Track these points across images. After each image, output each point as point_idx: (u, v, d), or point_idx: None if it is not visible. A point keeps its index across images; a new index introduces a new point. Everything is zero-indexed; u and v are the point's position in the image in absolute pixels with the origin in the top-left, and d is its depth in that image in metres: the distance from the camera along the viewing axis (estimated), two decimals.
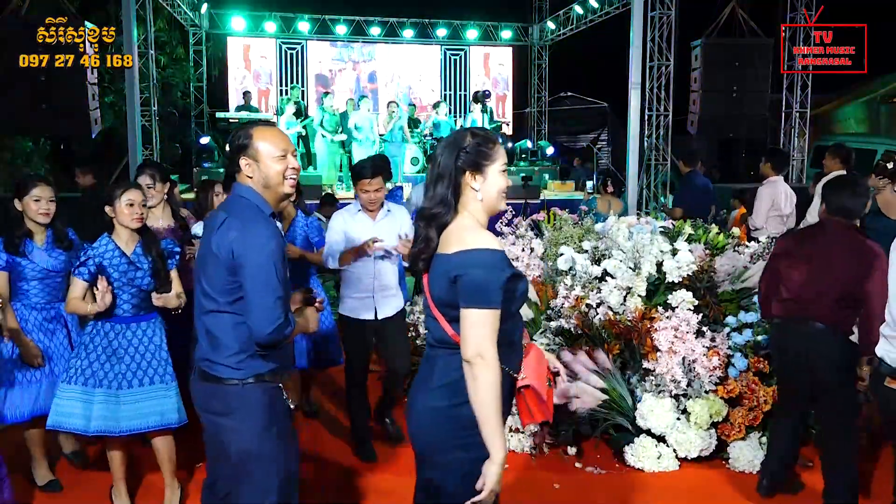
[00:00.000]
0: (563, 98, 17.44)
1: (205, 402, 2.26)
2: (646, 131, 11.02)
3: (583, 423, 3.93)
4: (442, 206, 1.95)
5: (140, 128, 9.60)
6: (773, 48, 10.74)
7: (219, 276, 2.16)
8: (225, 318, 2.17)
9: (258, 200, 2.22)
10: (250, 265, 2.09)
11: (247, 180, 2.24)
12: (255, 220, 2.15)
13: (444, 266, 1.91)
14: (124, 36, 9.18)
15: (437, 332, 1.96)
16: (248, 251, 2.10)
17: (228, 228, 2.15)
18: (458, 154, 1.96)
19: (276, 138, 2.26)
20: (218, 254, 2.15)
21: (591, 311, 4.12)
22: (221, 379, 2.19)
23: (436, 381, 1.94)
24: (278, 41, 14.46)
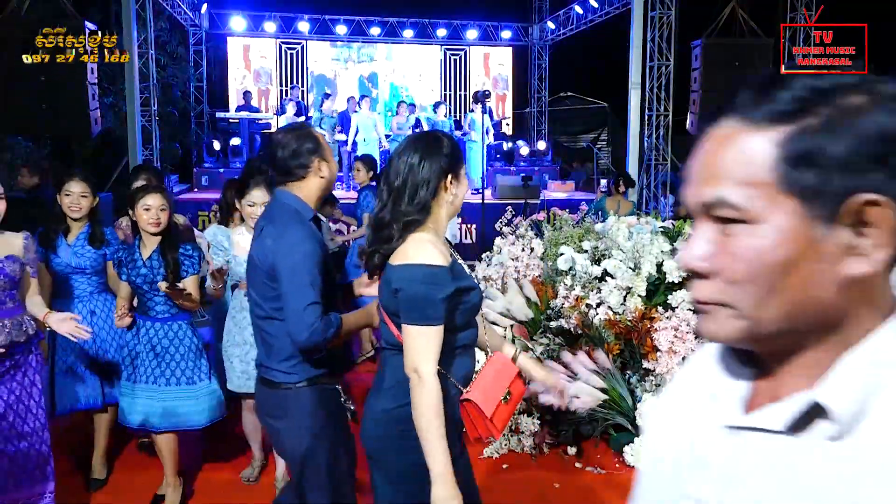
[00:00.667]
0: (563, 98, 17.43)
1: (263, 405, 2.34)
2: (646, 131, 11.02)
3: (583, 423, 3.93)
4: (423, 212, 1.92)
5: (140, 128, 9.60)
6: (773, 48, 10.74)
7: (262, 284, 2.23)
8: (275, 324, 2.22)
9: (299, 205, 2.28)
10: (284, 271, 2.13)
11: (310, 184, 2.30)
12: (291, 226, 2.20)
13: (388, 275, 1.91)
14: (124, 36, 9.19)
15: (386, 334, 1.97)
16: (282, 257, 2.14)
17: (266, 236, 2.22)
18: (441, 158, 1.93)
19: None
20: (259, 262, 2.22)
21: (591, 311, 4.12)
22: (276, 383, 2.25)
23: (386, 383, 1.95)
24: (278, 41, 14.46)
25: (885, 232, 0.65)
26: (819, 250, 0.66)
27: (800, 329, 0.68)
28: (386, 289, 1.92)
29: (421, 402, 1.80)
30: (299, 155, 2.28)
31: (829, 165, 0.64)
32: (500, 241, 5.21)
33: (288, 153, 2.27)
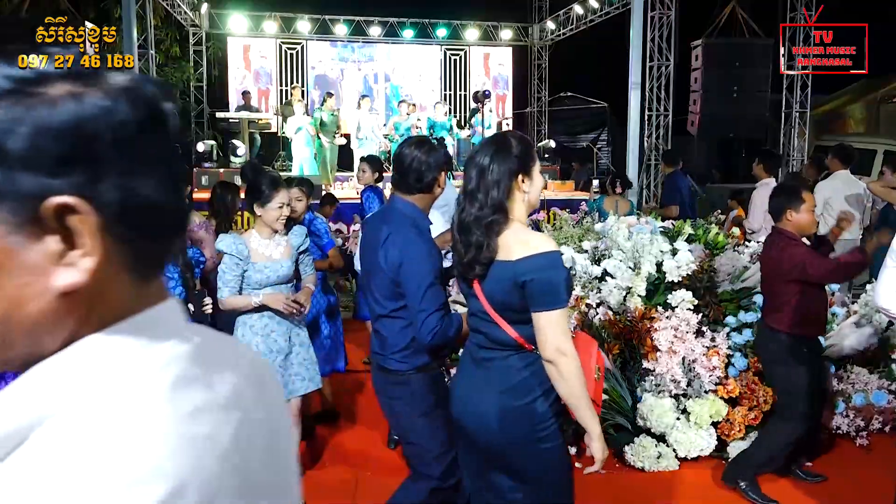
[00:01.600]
0: (563, 98, 17.43)
1: (381, 388, 2.62)
2: (646, 131, 11.03)
3: None
4: (500, 212, 1.99)
5: None
6: (773, 48, 10.75)
7: (386, 286, 2.45)
8: (396, 322, 2.48)
9: (418, 215, 2.50)
10: (412, 281, 2.36)
11: (430, 196, 2.53)
12: (417, 237, 2.42)
13: (507, 272, 1.95)
14: (124, 36, 9.18)
15: (496, 335, 2.02)
16: (410, 268, 2.36)
17: (393, 245, 2.41)
18: (511, 159, 2.01)
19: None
20: (386, 268, 2.42)
21: (591, 311, 4.12)
22: (391, 371, 2.53)
23: (501, 383, 2.02)
24: (278, 41, 14.46)
25: (89, 238, 0.57)
26: (20, 261, 0.57)
27: (15, 349, 0.59)
28: (504, 286, 1.96)
29: (572, 375, 1.92)
30: (432, 168, 2.47)
31: (11, 163, 0.56)
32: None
33: (423, 165, 2.46)
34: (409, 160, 2.47)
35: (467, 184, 2.05)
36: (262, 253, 3.25)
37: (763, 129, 11.50)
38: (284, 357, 3.26)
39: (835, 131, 14.51)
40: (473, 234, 1.99)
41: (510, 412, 1.99)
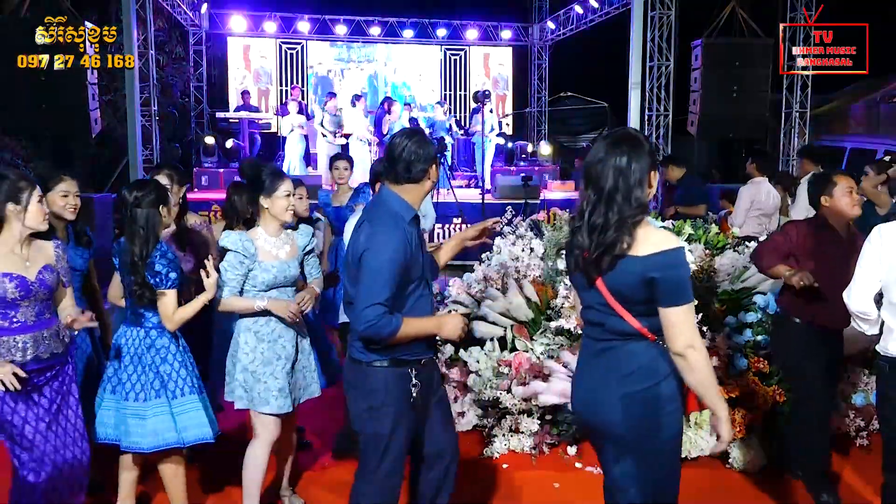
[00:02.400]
0: (563, 98, 17.43)
1: (345, 376, 2.60)
2: (646, 131, 11.02)
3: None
4: (643, 209, 2.02)
5: (140, 128, 9.60)
6: (773, 48, 10.74)
7: (353, 272, 2.45)
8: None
9: (402, 207, 2.46)
10: (365, 268, 2.36)
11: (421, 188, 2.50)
12: (386, 228, 2.38)
13: (635, 267, 1.98)
14: (124, 36, 9.18)
15: (617, 325, 2.06)
16: (369, 255, 2.35)
17: (362, 231, 2.44)
18: (647, 157, 2.03)
19: None
20: (351, 253, 2.46)
21: None
22: (354, 359, 2.51)
23: (622, 369, 2.06)
24: (278, 41, 14.46)
25: None
26: None
27: None
28: (631, 280, 1.99)
29: (701, 366, 1.99)
30: (422, 159, 2.44)
31: None
32: (500, 241, 5.20)
33: (412, 155, 2.43)
34: (399, 150, 2.44)
35: (603, 184, 2.01)
36: (270, 252, 3.07)
37: (763, 129, 11.48)
38: (291, 364, 3.10)
39: (835, 131, 14.52)
40: (608, 234, 1.99)
41: (633, 396, 2.04)
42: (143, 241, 2.85)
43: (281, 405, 3.03)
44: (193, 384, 2.98)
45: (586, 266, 2.07)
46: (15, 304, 2.58)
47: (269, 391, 3.03)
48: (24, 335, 2.60)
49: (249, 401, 3.05)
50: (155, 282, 2.84)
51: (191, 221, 3.82)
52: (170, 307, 2.88)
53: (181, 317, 2.91)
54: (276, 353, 3.06)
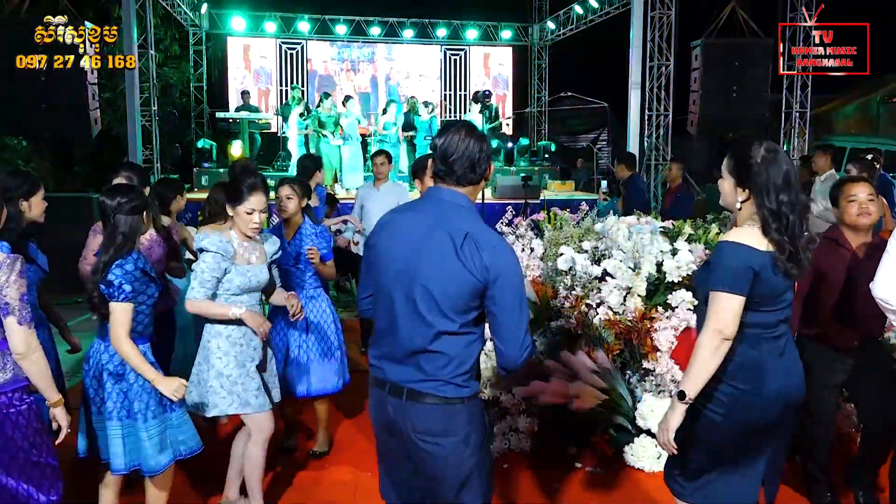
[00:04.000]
0: (563, 98, 17.44)
1: (418, 423, 2.09)
2: (646, 131, 11.03)
3: (583, 423, 3.93)
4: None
5: (140, 128, 9.60)
6: (773, 48, 10.74)
7: (463, 297, 2.03)
8: (461, 339, 2.07)
9: (475, 210, 2.18)
10: (508, 290, 2.03)
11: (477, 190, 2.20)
12: (498, 237, 2.11)
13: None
14: (124, 36, 9.19)
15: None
16: (504, 275, 2.02)
17: (481, 247, 2.02)
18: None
19: None
20: (472, 273, 2.02)
21: (591, 311, 4.12)
22: (450, 398, 2.07)
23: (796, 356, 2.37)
24: (278, 41, 14.47)
25: None
26: None
27: None
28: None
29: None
30: (486, 158, 2.14)
31: None
32: None
33: (477, 153, 2.11)
34: (461, 148, 2.10)
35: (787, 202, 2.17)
36: (243, 255, 3.05)
37: (763, 129, 11.48)
38: (257, 364, 3.09)
39: (835, 131, 14.53)
40: (805, 233, 2.21)
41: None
42: (118, 248, 2.67)
43: (262, 402, 3.08)
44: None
45: (800, 268, 2.22)
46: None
47: (249, 391, 3.04)
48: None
49: (229, 405, 3.02)
50: (108, 292, 2.63)
51: (164, 223, 3.82)
52: (118, 324, 2.63)
53: (128, 350, 2.65)
54: (248, 355, 3.06)
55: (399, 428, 2.10)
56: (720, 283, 2.18)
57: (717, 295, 2.18)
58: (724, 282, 2.17)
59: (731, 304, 2.16)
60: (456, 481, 2.09)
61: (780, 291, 2.22)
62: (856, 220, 3.19)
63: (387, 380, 2.12)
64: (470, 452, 2.09)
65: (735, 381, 2.22)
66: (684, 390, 2.20)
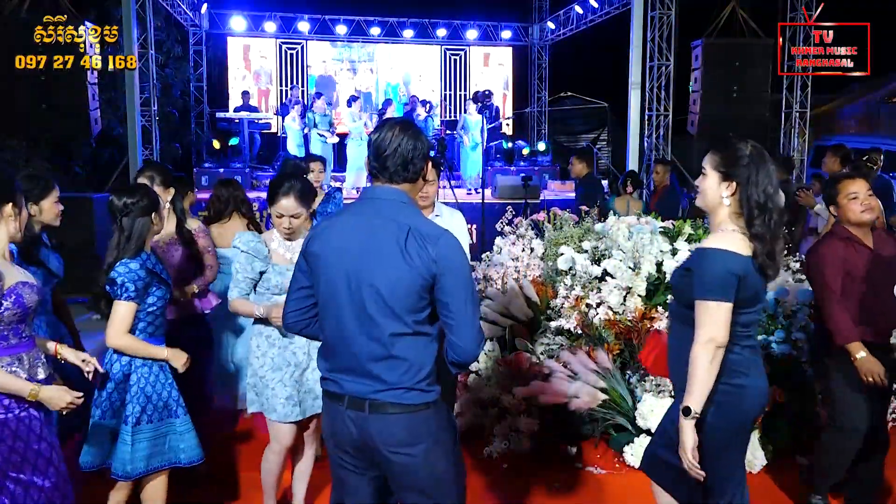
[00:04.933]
0: (563, 98, 17.43)
1: (387, 437, 2.02)
2: (646, 131, 11.03)
3: (583, 423, 3.93)
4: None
5: (140, 128, 9.60)
6: (773, 48, 10.74)
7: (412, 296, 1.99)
8: (418, 340, 2.02)
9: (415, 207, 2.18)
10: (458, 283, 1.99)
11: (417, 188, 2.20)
12: (443, 229, 2.08)
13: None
14: (124, 36, 9.18)
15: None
16: (461, 263, 2.01)
17: (427, 243, 2.00)
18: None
19: None
20: (416, 271, 2.00)
21: (591, 311, 4.12)
22: (416, 405, 2.01)
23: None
24: (278, 41, 14.46)
25: None
26: None
27: None
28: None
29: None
30: (419, 156, 2.08)
31: None
32: (501, 241, 5.20)
33: (409, 151, 2.06)
34: (393, 145, 2.04)
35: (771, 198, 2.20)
36: (283, 255, 2.99)
37: (763, 129, 11.47)
38: (301, 372, 2.97)
39: (835, 131, 14.53)
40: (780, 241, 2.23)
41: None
42: (124, 248, 2.68)
43: (287, 413, 2.94)
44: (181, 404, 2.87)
45: (775, 271, 2.25)
46: (27, 317, 2.34)
47: (277, 398, 2.94)
48: (31, 351, 2.36)
49: (260, 405, 3.01)
50: (111, 290, 2.64)
51: (193, 226, 3.68)
52: (118, 321, 2.64)
53: (128, 343, 2.67)
54: (285, 359, 2.96)
55: (366, 443, 2.03)
56: (709, 293, 2.17)
57: (707, 304, 2.17)
58: (712, 291, 2.16)
59: (720, 312, 2.16)
60: (431, 486, 2.05)
61: (759, 293, 2.25)
62: (860, 216, 3.16)
63: (344, 393, 2.04)
64: (441, 454, 2.05)
65: (723, 378, 2.22)
66: (689, 406, 2.18)
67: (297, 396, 2.97)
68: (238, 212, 4.40)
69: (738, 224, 2.23)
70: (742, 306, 2.20)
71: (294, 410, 2.95)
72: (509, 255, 4.92)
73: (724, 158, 2.25)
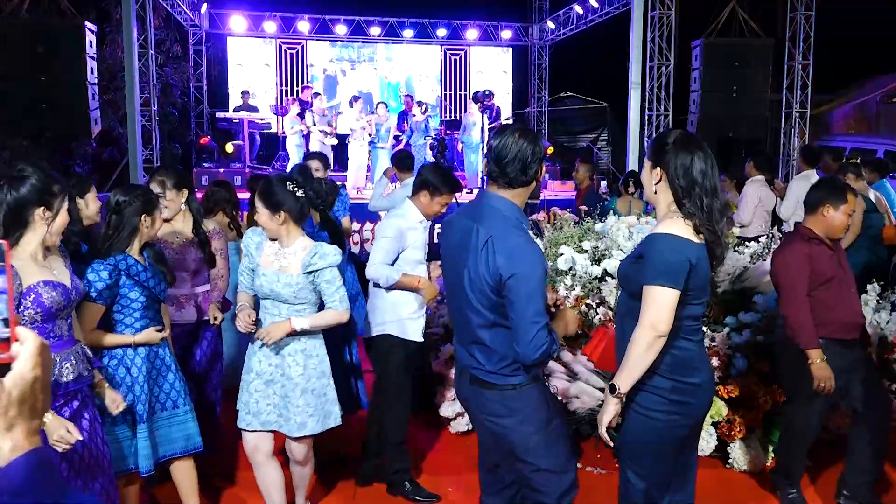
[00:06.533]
0: (563, 98, 17.42)
1: (482, 406, 2.35)
2: (646, 131, 11.03)
3: (583, 423, 3.93)
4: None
5: (140, 128, 9.60)
6: (773, 48, 10.74)
7: (485, 295, 2.22)
8: (499, 332, 2.25)
9: (519, 214, 2.29)
10: (522, 292, 2.15)
11: (525, 193, 2.32)
12: (526, 241, 2.21)
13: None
14: (124, 36, 9.18)
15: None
16: (520, 277, 2.14)
17: (498, 250, 2.18)
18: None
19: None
20: (486, 274, 2.20)
21: (591, 311, 4.12)
22: (497, 385, 2.28)
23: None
24: (278, 41, 14.46)
25: None
26: None
27: None
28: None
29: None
30: (536, 159, 2.25)
31: None
32: None
33: (529, 155, 2.23)
34: (514, 150, 2.21)
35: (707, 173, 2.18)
36: (269, 259, 2.90)
37: (763, 129, 11.47)
38: (263, 383, 2.89)
39: (834, 131, 14.52)
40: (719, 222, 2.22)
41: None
42: (109, 245, 2.67)
43: (242, 418, 2.90)
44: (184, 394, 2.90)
45: (720, 249, 2.24)
46: (54, 315, 2.30)
47: (240, 401, 2.92)
48: (62, 351, 2.32)
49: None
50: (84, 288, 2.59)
51: (209, 227, 3.66)
52: (87, 319, 2.60)
53: (92, 339, 2.62)
54: (250, 365, 2.91)
55: (468, 407, 2.45)
56: (656, 277, 2.13)
57: (653, 289, 2.13)
58: (660, 276, 2.13)
59: (667, 298, 2.12)
60: (522, 451, 2.32)
61: (707, 283, 2.25)
62: (841, 232, 3.23)
63: (460, 362, 2.42)
64: (531, 428, 2.28)
65: (675, 375, 2.20)
66: (615, 384, 2.20)
67: (255, 406, 2.87)
68: (223, 211, 4.60)
69: (682, 213, 2.19)
70: (693, 296, 2.18)
71: (247, 419, 2.88)
72: None
73: (652, 148, 2.28)
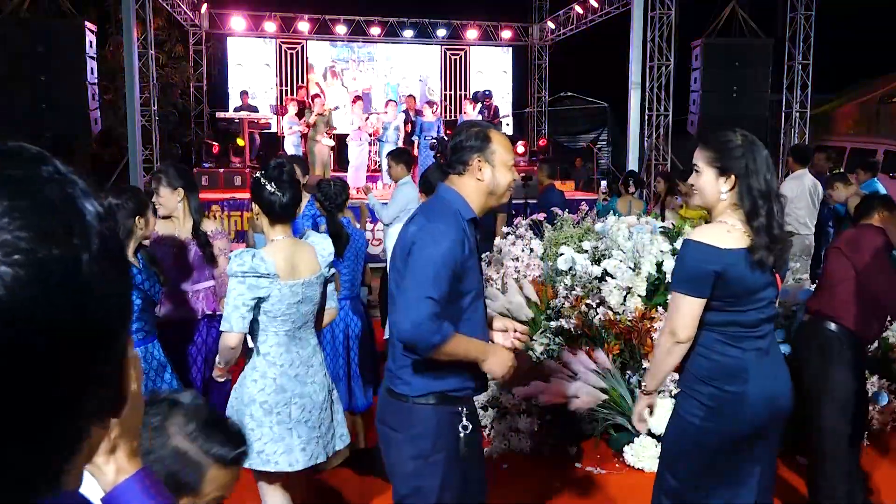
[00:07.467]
0: (563, 98, 17.43)
1: (380, 410, 2.19)
2: (646, 131, 11.03)
3: (583, 423, 3.93)
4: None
5: (140, 128, 9.60)
6: (773, 48, 10.74)
7: (399, 272, 2.06)
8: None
9: (460, 204, 2.10)
10: (414, 259, 1.97)
11: (469, 182, 2.12)
12: (442, 220, 2.03)
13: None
14: (124, 36, 9.18)
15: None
16: (419, 246, 1.98)
17: (410, 225, 2.09)
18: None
19: (509, 147, 2.19)
20: (400, 249, 2.07)
21: (591, 311, 4.12)
22: (395, 393, 2.08)
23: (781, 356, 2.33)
24: (278, 41, 14.46)
25: None
26: None
27: None
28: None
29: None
30: (459, 148, 2.13)
31: None
32: (500, 241, 5.20)
33: (459, 145, 2.13)
34: (456, 139, 2.16)
35: (771, 186, 2.10)
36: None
37: (763, 129, 11.47)
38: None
39: (835, 131, 14.52)
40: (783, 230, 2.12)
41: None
42: None
43: (277, 462, 2.69)
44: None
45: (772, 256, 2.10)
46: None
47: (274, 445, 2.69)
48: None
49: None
50: None
51: (209, 228, 3.46)
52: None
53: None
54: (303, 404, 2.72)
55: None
56: (678, 284, 2.13)
57: (675, 296, 2.15)
58: (681, 283, 2.12)
59: (688, 306, 2.08)
60: (388, 470, 2.18)
61: (756, 288, 2.09)
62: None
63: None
64: (407, 453, 2.06)
65: (718, 382, 2.11)
66: (644, 382, 2.35)
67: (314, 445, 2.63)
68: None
69: (737, 216, 2.10)
70: (731, 303, 2.08)
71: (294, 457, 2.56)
72: (509, 255, 4.92)
73: (718, 152, 2.12)
